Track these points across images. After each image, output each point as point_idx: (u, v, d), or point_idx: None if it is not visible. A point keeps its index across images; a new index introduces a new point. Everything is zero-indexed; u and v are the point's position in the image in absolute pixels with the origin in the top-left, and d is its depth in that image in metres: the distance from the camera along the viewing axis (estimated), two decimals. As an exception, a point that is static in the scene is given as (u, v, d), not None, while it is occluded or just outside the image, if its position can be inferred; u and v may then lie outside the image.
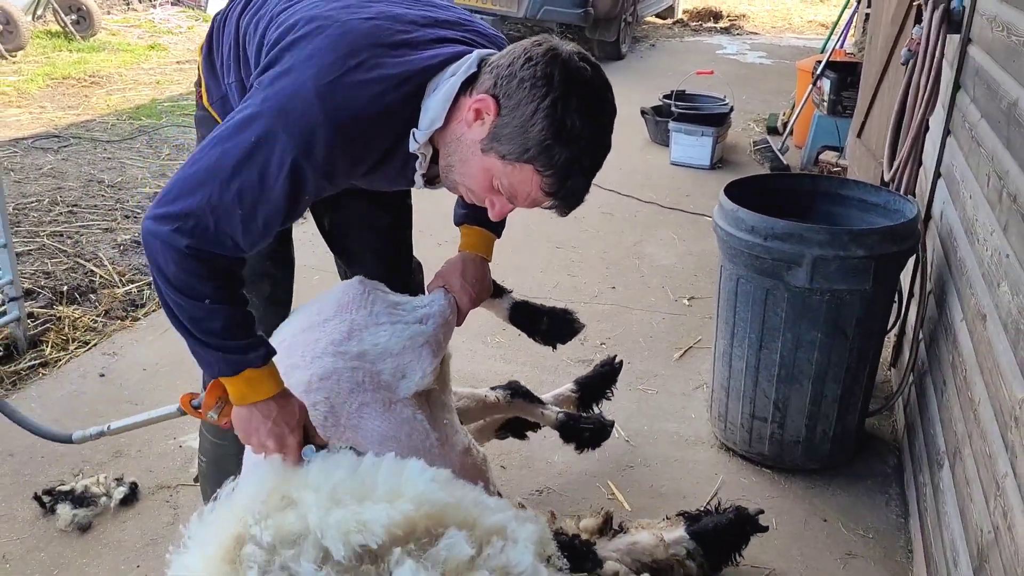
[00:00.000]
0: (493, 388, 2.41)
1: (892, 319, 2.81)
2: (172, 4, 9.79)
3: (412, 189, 1.78)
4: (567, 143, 1.37)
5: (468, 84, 1.43)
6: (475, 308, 1.99)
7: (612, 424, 2.51)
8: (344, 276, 2.13)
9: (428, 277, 2.04)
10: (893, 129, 3.24)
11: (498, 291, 2.20)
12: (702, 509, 2.10)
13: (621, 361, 2.61)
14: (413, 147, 1.48)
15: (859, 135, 4.69)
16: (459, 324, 1.93)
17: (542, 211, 1.54)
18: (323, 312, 1.82)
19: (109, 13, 8.88)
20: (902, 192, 2.94)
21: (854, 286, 2.40)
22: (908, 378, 2.74)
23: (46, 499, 2.38)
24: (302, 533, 1.37)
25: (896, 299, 2.77)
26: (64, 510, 2.35)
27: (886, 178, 3.14)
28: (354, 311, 1.81)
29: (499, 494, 2.19)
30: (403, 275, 2.10)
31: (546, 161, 1.38)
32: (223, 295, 1.46)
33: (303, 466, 1.53)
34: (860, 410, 2.69)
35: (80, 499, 2.38)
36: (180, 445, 2.65)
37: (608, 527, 2.16)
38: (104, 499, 2.40)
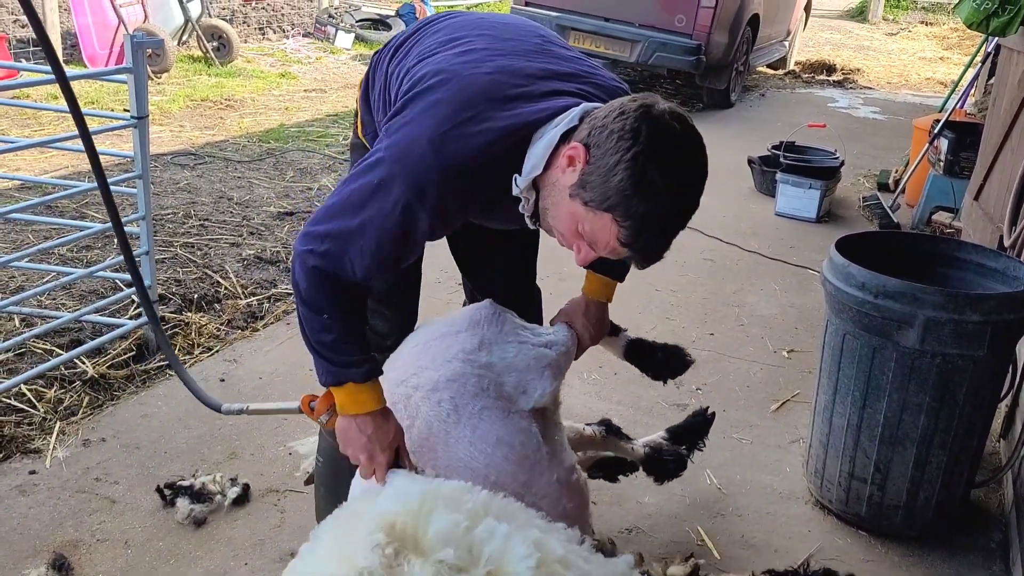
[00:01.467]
0: (588, 424, 2.49)
1: (1005, 388, 2.74)
2: (303, 36, 10.34)
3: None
4: (646, 197, 1.40)
5: (569, 134, 1.51)
6: (593, 346, 2.13)
7: (688, 453, 2.54)
8: (471, 297, 2.29)
9: (547, 308, 2.18)
10: (1016, 194, 3.17)
11: (614, 330, 2.31)
12: (790, 569, 2.08)
13: (714, 413, 2.62)
14: (516, 191, 1.59)
15: (976, 198, 4.57)
16: (576, 358, 2.07)
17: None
18: (456, 325, 1.99)
19: (246, 42, 9.45)
20: (1022, 258, 2.87)
21: (967, 351, 2.36)
22: (1019, 451, 2.65)
23: (167, 492, 2.54)
24: None
25: (1011, 368, 2.69)
26: (183, 504, 2.50)
27: (1006, 243, 3.07)
28: (486, 327, 1.97)
29: (592, 529, 2.25)
30: (525, 300, 2.26)
31: (624, 212, 1.42)
32: (339, 313, 1.62)
33: (387, 485, 1.67)
34: (966, 480, 2.62)
35: (198, 495, 2.53)
36: (290, 452, 2.79)
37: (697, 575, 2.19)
38: (219, 497, 2.54)
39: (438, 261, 2.90)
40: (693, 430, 2.59)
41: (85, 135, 1.50)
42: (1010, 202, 3.20)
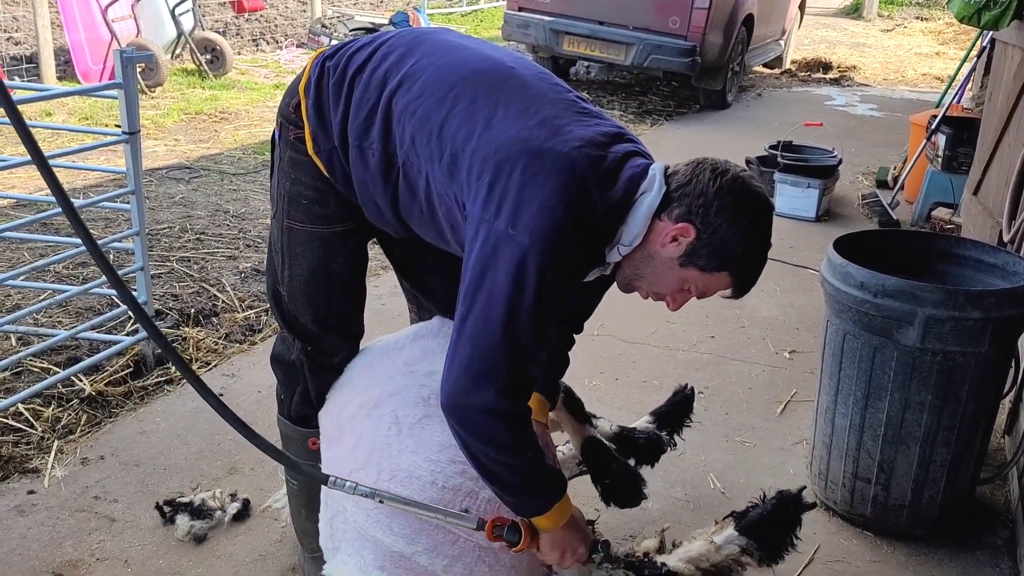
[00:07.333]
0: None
1: (1007, 384, 2.72)
2: (297, 46, 10.34)
3: None
4: (755, 254, 1.68)
5: (661, 206, 1.64)
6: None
7: (669, 440, 2.53)
8: (417, 315, 2.25)
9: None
10: (1014, 188, 3.16)
11: (583, 416, 2.27)
12: (751, 503, 2.10)
13: (692, 388, 2.62)
14: (615, 258, 1.69)
15: (975, 192, 4.55)
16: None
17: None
18: (400, 341, 2.04)
19: (239, 54, 9.43)
20: (1022, 253, 2.86)
21: (968, 348, 2.34)
22: (1024, 447, 2.63)
23: (167, 509, 2.53)
24: None
25: (1013, 364, 2.67)
26: (183, 521, 2.49)
27: (1005, 238, 3.06)
28: (431, 339, 2.01)
29: None
30: None
31: (739, 267, 1.68)
32: (537, 444, 1.70)
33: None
34: (971, 477, 2.60)
35: (197, 511, 2.51)
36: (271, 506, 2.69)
37: (665, 546, 2.24)
38: (219, 513, 2.53)
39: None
40: (677, 409, 2.57)
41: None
42: (1008, 196, 3.19)
